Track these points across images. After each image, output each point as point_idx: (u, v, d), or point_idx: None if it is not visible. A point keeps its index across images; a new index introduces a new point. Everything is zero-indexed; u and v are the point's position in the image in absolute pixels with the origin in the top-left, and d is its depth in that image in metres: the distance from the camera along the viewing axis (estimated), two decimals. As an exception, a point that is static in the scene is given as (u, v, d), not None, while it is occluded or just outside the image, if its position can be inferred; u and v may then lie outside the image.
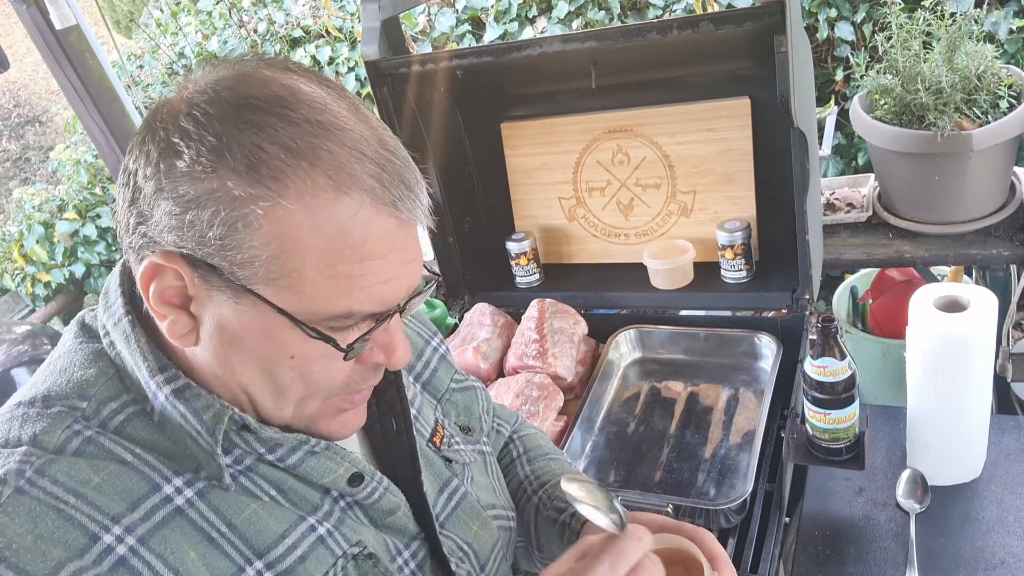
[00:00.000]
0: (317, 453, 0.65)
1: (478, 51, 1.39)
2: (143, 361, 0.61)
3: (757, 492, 1.19)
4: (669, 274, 1.57)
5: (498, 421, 0.99)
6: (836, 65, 2.54)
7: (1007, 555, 1.11)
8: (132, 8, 6.58)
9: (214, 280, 0.56)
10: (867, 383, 2.16)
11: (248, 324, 0.58)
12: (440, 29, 3.02)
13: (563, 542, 0.85)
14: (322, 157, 0.55)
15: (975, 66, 1.43)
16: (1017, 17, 2.20)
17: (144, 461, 0.59)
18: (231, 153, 0.53)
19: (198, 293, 0.57)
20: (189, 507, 0.60)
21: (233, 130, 0.54)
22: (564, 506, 0.87)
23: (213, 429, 0.60)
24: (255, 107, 0.55)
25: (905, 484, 1.24)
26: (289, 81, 0.58)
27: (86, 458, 0.58)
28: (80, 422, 0.59)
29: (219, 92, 0.56)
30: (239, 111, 0.54)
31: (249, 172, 0.54)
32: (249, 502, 0.62)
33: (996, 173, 1.52)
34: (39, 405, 0.60)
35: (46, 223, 3.71)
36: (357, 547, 0.66)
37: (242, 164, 0.53)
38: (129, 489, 0.58)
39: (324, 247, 0.55)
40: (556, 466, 0.96)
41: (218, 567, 0.59)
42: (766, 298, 1.49)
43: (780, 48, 1.14)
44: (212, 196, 0.54)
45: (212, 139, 0.54)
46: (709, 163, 1.53)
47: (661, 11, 2.71)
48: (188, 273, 0.56)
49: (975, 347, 1.12)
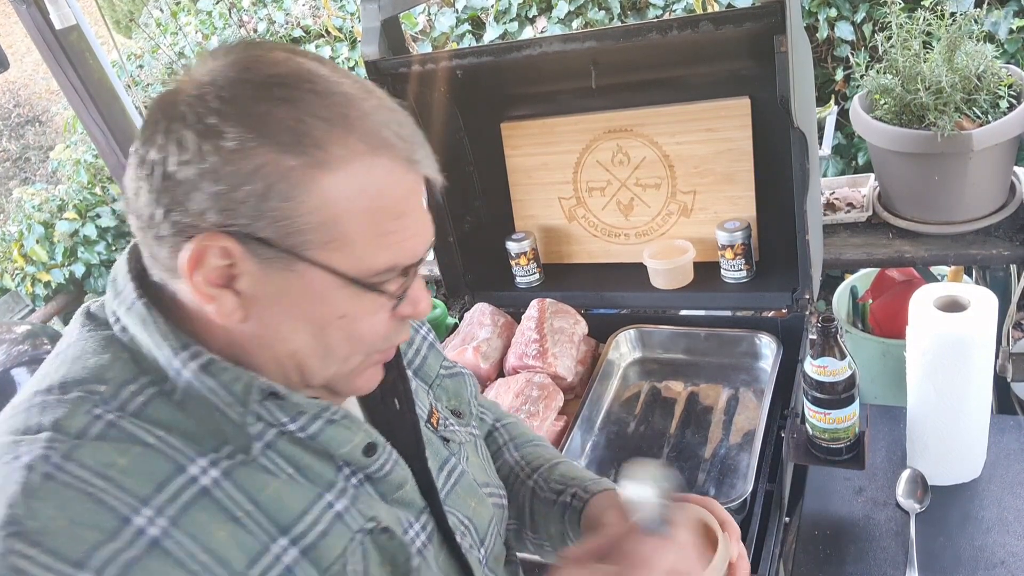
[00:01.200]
0: (335, 422, 0.66)
1: (478, 51, 1.39)
2: (164, 341, 0.61)
3: (757, 492, 1.19)
4: (669, 274, 1.57)
5: (481, 409, 1.02)
6: (836, 65, 2.54)
7: (1007, 555, 1.11)
8: (132, 8, 6.59)
9: (265, 252, 0.58)
10: (867, 383, 2.16)
11: (300, 290, 0.60)
12: (440, 29, 3.02)
13: (563, 521, 0.89)
14: (354, 124, 0.59)
15: (975, 66, 1.43)
16: (1017, 17, 2.20)
17: (167, 443, 0.59)
18: (273, 128, 0.56)
19: (247, 268, 0.59)
20: (215, 487, 0.60)
21: (269, 107, 0.57)
22: (562, 487, 0.91)
23: (244, 399, 0.62)
24: (283, 84, 0.58)
25: (905, 484, 1.24)
26: (300, 59, 0.61)
27: (109, 441, 0.58)
28: (100, 406, 0.59)
29: (240, 74, 0.58)
30: (269, 89, 0.57)
31: (293, 144, 0.56)
32: (270, 480, 0.63)
33: (996, 173, 1.52)
34: (56, 392, 0.60)
35: (46, 223, 3.71)
36: (372, 522, 0.68)
37: (285, 137, 0.56)
38: (155, 471, 0.58)
39: (368, 207, 0.59)
40: (544, 452, 0.99)
41: (245, 545, 0.60)
42: (766, 298, 1.49)
43: (780, 48, 1.14)
44: (261, 171, 0.56)
45: (252, 117, 0.56)
46: (709, 163, 1.53)
47: (661, 11, 2.71)
48: (238, 250, 0.58)
49: (975, 347, 1.12)
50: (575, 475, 0.93)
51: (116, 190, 3.63)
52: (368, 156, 0.59)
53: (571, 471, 0.94)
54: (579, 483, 0.91)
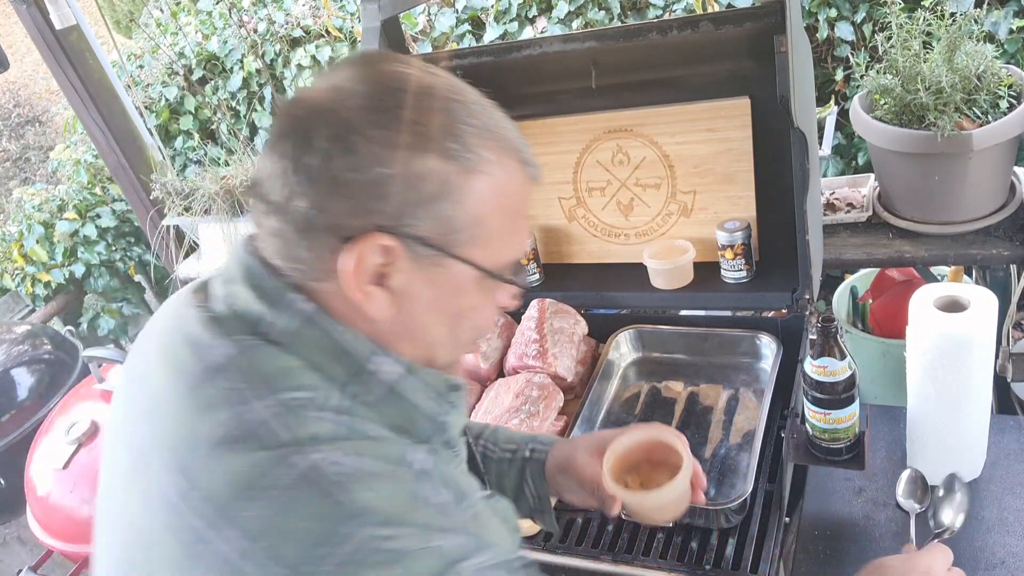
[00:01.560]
0: (457, 407, 0.72)
1: (478, 51, 1.39)
2: (361, 347, 0.65)
3: (757, 492, 1.19)
4: (669, 274, 1.57)
5: None
6: (836, 65, 2.54)
7: (1007, 555, 1.11)
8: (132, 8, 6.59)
9: (421, 251, 0.63)
10: (867, 383, 2.16)
11: (445, 284, 0.66)
12: (440, 29, 3.02)
13: (523, 473, 0.99)
14: (492, 130, 0.66)
15: (975, 66, 1.43)
16: (1017, 17, 2.20)
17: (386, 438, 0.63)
18: (434, 135, 0.62)
19: (402, 266, 0.63)
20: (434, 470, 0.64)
21: (428, 116, 0.62)
22: (515, 446, 1.00)
23: (444, 393, 0.69)
24: (433, 95, 0.63)
25: (905, 484, 1.24)
26: (430, 71, 0.67)
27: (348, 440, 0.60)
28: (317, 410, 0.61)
29: (393, 83, 0.63)
30: (423, 98, 0.63)
31: (453, 150, 0.62)
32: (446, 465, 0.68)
33: (996, 173, 1.52)
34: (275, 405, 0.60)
35: (46, 223, 3.71)
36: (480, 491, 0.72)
37: (445, 144, 0.62)
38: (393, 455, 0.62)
39: (504, 206, 0.66)
40: (475, 423, 1.07)
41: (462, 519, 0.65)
42: (766, 298, 1.49)
43: (780, 48, 1.14)
44: (428, 176, 0.61)
45: (414, 125, 0.61)
46: (709, 163, 1.53)
47: (661, 11, 2.70)
48: (399, 249, 0.62)
49: (975, 347, 1.12)
50: (519, 435, 1.03)
51: (116, 190, 3.62)
52: (505, 159, 0.66)
53: (513, 432, 1.04)
54: (529, 439, 1.01)
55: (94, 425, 2.04)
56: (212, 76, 3.49)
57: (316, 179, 0.60)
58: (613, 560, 1.17)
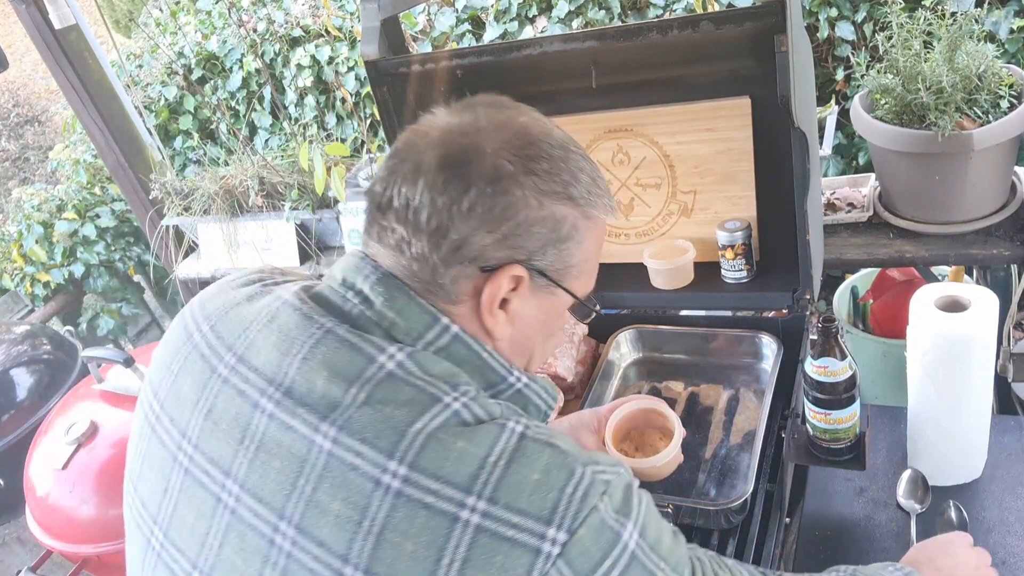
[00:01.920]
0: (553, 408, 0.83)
1: (478, 51, 1.39)
2: (497, 363, 0.75)
3: (758, 492, 1.19)
4: (669, 274, 1.56)
5: None
6: (837, 65, 2.54)
7: (1007, 555, 1.11)
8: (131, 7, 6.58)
9: (541, 281, 0.75)
10: (868, 383, 2.16)
11: (552, 309, 0.78)
12: (440, 29, 3.02)
13: None
14: (597, 179, 0.78)
15: (976, 66, 1.43)
16: (1018, 17, 2.20)
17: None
18: (567, 182, 0.73)
19: (523, 292, 0.74)
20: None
21: (561, 165, 0.74)
22: None
23: (552, 394, 0.80)
24: (560, 145, 0.75)
25: (906, 484, 1.24)
26: (546, 120, 0.79)
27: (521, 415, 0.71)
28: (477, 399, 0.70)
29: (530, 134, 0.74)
30: (555, 149, 0.74)
31: (579, 197, 0.74)
32: None
33: (997, 173, 1.52)
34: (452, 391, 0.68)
35: (45, 223, 3.70)
36: None
37: (574, 191, 0.74)
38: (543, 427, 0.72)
39: (599, 247, 0.80)
40: None
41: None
42: (766, 298, 1.49)
43: (780, 48, 1.14)
44: (561, 219, 0.73)
45: (554, 174, 0.72)
46: (709, 163, 1.53)
47: (661, 11, 2.70)
48: (525, 278, 0.73)
49: (976, 347, 1.12)
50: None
51: (115, 190, 3.62)
52: (603, 202, 0.77)
53: None
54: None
55: (93, 425, 2.03)
56: (211, 76, 3.49)
57: (471, 216, 0.69)
58: (613, 561, 1.17)
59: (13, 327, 3.00)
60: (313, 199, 2.28)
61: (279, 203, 2.37)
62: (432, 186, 0.70)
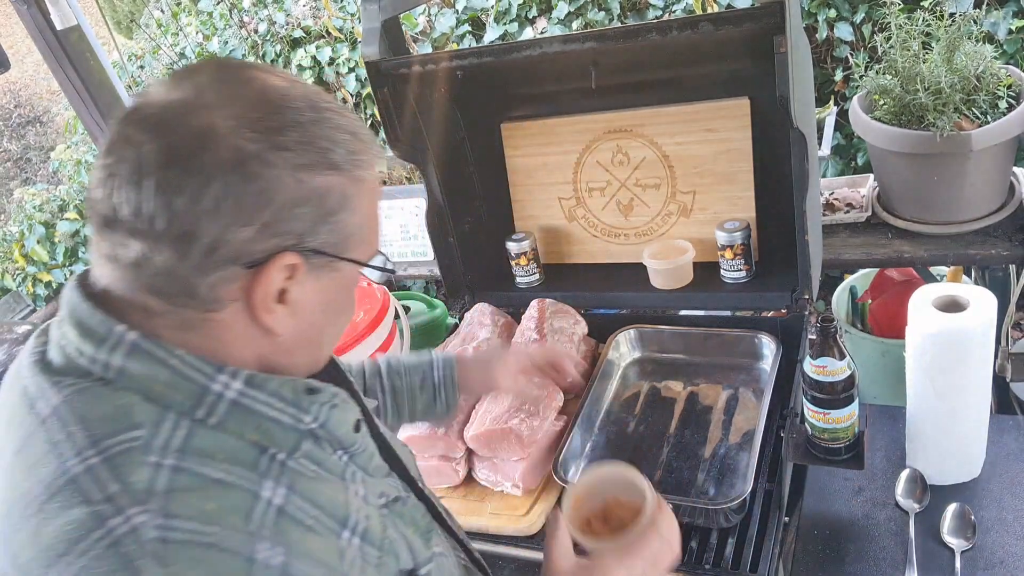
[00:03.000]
0: (337, 406, 0.70)
1: (478, 51, 1.40)
2: (193, 370, 0.61)
3: (757, 492, 1.20)
4: (669, 274, 1.57)
5: None
6: (835, 65, 2.54)
7: (1006, 555, 1.12)
8: (133, 8, 6.59)
9: (319, 261, 0.64)
10: (866, 383, 2.16)
11: (336, 286, 0.68)
12: (440, 29, 3.02)
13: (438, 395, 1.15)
14: (359, 134, 0.66)
15: (974, 66, 1.43)
16: (1016, 17, 2.20)
17: (231, 473, 0.59)
18: (322, 149, 0.62)
19: (301, 279, 0.63)
20: (288, 503, 0.61)
21: (313, 130, 0.61)
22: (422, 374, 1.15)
23: (296, 401, 0.65)
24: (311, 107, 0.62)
25: (904, 484, 1.24)
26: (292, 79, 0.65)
27: (186, 491, 0.56)
28: (149, 454, 0.57)
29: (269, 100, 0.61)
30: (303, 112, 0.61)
31: (341, 162, 0.63)
32: (315, 485, 0.65)
33: (995, 173, 1.52)
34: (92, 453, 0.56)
35: (47, 223, 3.71)
36: (383, 497, 0.73)
37: (335, 156, 0.62)
38: (239, 506, 0.58)
39: (374, 204, 0.69)
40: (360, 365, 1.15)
41: (328, 547, 0.62)
42: (766, 298, 1.50)
43: (779, 48, 1.14)
44: (325, 192, 0.62)
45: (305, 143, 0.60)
46: (709, 163, 1.53)
47: (661, 11, 2.71)
48: (299, 264, 0.62)
49: (974, 347, 1.12)
50: (416, 361, 1.16)
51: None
52: (372, 159, 0.67)
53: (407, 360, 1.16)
54: (427, 364, 1.16)
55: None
56: (212, 76, 3.49)
57: (220, 212, 0.57)
58: (613, 559, 1.17)
59: (15, 327, 2.99)
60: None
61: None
62: (164, 187, 0.56)
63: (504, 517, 1.28)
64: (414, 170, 2.18)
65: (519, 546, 1.24)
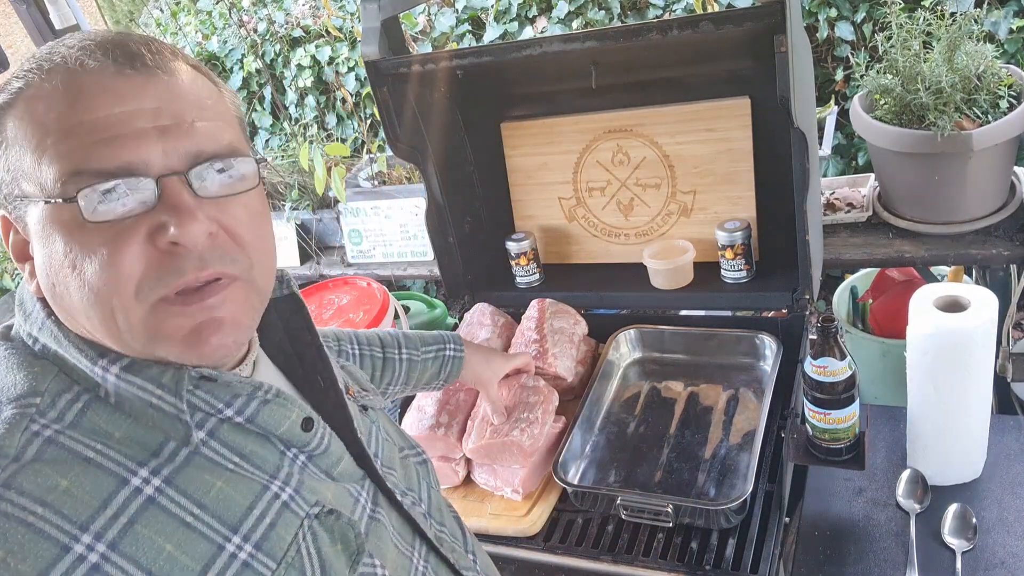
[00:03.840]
0: (269, 401, 0.67)
1: (478, 51, 1.39)
2: (80, 353, 0.61)
3: (757, 492, 1.19)
4: (669, 274, 1.57)
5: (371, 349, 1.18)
6: (836, 65, 2.54)
7: (1007, 555, 1.11)
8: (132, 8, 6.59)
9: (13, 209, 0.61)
10: (867, 383, 2.16)
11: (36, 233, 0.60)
12: (440, 29, 3.02)
13: (444, 368, 1.26)
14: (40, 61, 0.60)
15: (975, 66, 1.43)
16: (1017, 17, 2.20)
17: (107, 456, 0.59)
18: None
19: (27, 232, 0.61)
20: (160, 495, 0.59)
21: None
22: (436, 347, 1.25)
23: (176, 389, 0.62)
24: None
25: (905, 484, 1.24)
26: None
27: (49, 463, 0.56)
28: (37, 421, 0.58)
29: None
30: None
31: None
32: (214, 480, 0.63)
33: (996, 173, 1.52)
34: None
35: (46, 223, 3.71)
36: (317, 507, 0.69)
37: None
38: (98, 487, 0.57)
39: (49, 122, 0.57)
40: (377, 334, 1.21)
41: (198, 551, 0.59)
42: (766, 298, 1.49)
43: (780, 48, 1.14)
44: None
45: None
46: (709, 163, 1.53)
47: (661, 11, 2.71)
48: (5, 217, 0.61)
49: (975, 347, 1.12)
50: (431, 335, 1.27)
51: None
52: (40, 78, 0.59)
53: (424, 335, 1.26)
54: (442, 341, 1.26)
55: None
56: (212, 76, 3.50)
57: None
58: (613, 560, 1.17)
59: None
60: (313, 199, 2.28)
61: (280, 203, 2.37)
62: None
63: (504, 518, 1.28)
64: (414, 170, 2.17)
65: (519, 547, 1.24)
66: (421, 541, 0.82)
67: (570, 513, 1.28)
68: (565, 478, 1.27)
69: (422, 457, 0.92)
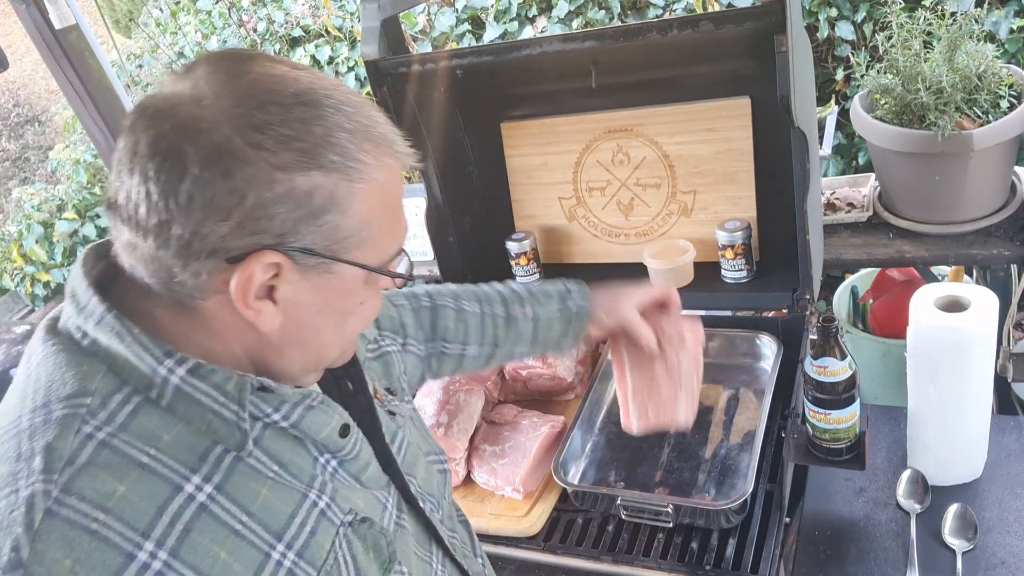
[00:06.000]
0: (314, 407, 0.68)
1: (478, 51, 1.39)
2: (145, 351, 0.61)
3: (758, 492, 1.20)
4: (669, 274, 1.56)
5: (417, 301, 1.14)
6: (836, 65, 2.54)
7: (1007, 555, 1.11)
8: (131, 7, 6.58)
9: (309, 261, 0.62)
10: (867, 383, 2.16)
11: (334, 288, 0.65)
12: (440, 29, 3.02)
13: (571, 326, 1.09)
14: (368, 130, 0.63)
15: (975, 66, 1.43)
16: (1018, 17, 2.20)
17: (160, 461, 0.59)
18: (314, 148, 0.59)
19: (290, 278, 0.62)
20: (211, 502, 0.60)
21: (305, 126, 0.59)
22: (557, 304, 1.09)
23: (240, 397, 0.63)
24: (305, 102, 0.60)
25: (906, 484, 1.24)
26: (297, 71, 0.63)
27: (105, 468, 0.57)
28: (88, 423, 0.58)
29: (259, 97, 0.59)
30: (295, 108, 0.60)
31: (334, 163, 0.60)
32: (260, 488, 0.64)
33: (996, 173, 1.52)
34: (41, 412, 0.58)
35: (45, 223, 3.71)
36: (351, 514, 0.70)
37: (327, 156, 0.60)
38: (154, 494, 0.58)
39: (386, 206, 0.66)
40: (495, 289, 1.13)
41: (248, 558, 0.60)
42: (766, 298, 1.49)
43: (780, 48, 1.14)
44: (308, 192, 0.60)
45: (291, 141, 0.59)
46: (709, 163, 1.53)
47: (661, 11, 2.71)
48: (285, 263, 0.61)
49: (976, 347, 1.12)
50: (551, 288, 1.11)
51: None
52: (382, 158, 0.64)
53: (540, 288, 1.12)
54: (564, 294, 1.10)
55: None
56: (212, 76, 3.49)
57: (192, 206, 0.57)
58: (613, 560, 1.17)
59: (13, 327, 2.99)
60: (313, 199, 2.29)
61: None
62: (146, 176, 0.58)
63: (504, 518, 1.28)
64: (414, 170, 2.17)
65: (519, 547, 1.24)
66: (437, 547, 0.82)
67: (570, 513, 1.28)
68: (565, 478, 1.27)
69: (444, 466, 0.92)
